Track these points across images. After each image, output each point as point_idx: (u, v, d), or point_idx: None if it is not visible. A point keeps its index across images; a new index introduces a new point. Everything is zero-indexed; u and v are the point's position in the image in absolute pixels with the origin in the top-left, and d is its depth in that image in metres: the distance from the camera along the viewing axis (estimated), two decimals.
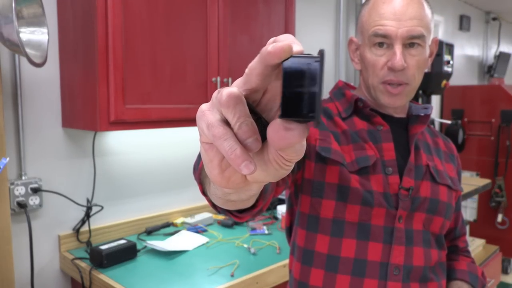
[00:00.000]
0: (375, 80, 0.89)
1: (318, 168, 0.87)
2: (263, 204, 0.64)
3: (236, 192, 0.42)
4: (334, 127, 0.91)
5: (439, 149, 0.97)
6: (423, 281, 0.86)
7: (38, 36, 1.26)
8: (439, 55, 2.48)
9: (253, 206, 0.61)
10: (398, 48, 0.83)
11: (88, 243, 1.69)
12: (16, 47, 1.13)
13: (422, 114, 0.92)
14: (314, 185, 0.87)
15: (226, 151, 0.31)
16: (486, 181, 2.54)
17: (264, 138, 0.34)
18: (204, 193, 0.59)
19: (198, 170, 0.59)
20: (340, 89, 0.98)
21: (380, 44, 0.86)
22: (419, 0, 0.85)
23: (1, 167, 1.21)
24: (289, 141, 0.31)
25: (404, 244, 0.85)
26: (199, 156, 0.60)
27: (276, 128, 0.31)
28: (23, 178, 1.55)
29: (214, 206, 0.60)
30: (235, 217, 0.64)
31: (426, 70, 0.94)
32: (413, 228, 0.86)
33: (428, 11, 0.87)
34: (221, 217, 2.07)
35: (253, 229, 1.89)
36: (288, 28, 1.98)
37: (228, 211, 0.62)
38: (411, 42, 0.84)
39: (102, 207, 1.72)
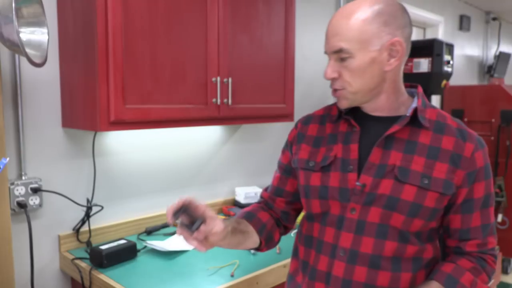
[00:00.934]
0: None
1: (298, 175, 1.11)
2: (264, 244, 1.14)
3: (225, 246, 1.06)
4: (322, 132, 1.10)
5: (437, 148, 0.98)
6: (373, 267, 0.97)
7: (38, 36, 1.26)
8: (439, 55, 2.48)
9: (261, 244, 1.15)
10: (330, 63, 0.99)
11: (88, 243, 1.69)
12: (16, 47, 1.13)
13: (406, 115, 0.99)
14: (300, 188, 1.10)
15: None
16: None
17: None
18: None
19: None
20: None
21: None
22: (348, 17, 0.95)
23: (1, 167, 1.21)
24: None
25: (354, 232, 0.98)
26: None
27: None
28: (23, 178, 1.55)
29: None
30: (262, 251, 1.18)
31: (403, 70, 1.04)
32: (367, 220, 0.98)
33: (358, 23, 0.94)
34: (221, 217, 2.06)
35: None
36: (288, 28, 1.98)
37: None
38: (338, 56, 0.97)
39: (102, 207, 1.72)
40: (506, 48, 5.22)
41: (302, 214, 1.19)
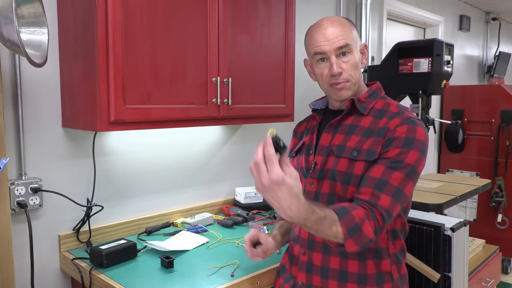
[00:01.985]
0: (325, 86, 1.24)
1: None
2: None
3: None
4: (305, 127, 1.39)
5: (372, 129, 1.16)
6: None
7: (38, 36, 1.26)
8: (439, 55, 2.48)
9: None
10: (333, 60, 1.18)
11: (88, 243, 1.69)
12: (16, 47, 1.13)
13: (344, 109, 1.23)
14: None
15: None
16: (486, 181, 2.54)
17: None
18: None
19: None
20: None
21: (321, 59, 1.21)
22: (339, 23, 1.19)
23: (1, 167, 1.21)
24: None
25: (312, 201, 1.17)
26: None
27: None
28: (23, 178, 1.55)
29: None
30: None
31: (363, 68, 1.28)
32: (321, 191, 1.21)
33: (349, 27, 1.20)
34: (221, 217, 2.07)
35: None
36: (288, 28, 1.98)
37: None
38: (341, 52, 1.18)
39: (102, 207, 1.72)
40: (506, 48, 5.22)
41: None
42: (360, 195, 1.10)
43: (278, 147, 0.95)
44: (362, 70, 1.28)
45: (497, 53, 4.81)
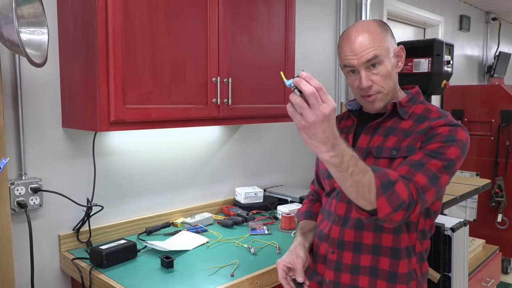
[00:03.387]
0: (356, 96, 1.25)
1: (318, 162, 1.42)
2: None
3: None
4: (338, 127, 1.26)
5: (412, 131, 1.17)
6: (359, 229, 1.18)
7: (38, 36, 1.26)
8: (439, 55, 2.48)
9: None
10: (362, 74, 1.16)
11: (88, 243, 1.69)
12: (16, 47, 1.13)
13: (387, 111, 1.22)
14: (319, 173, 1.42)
15: None
16: (486, 181, 2.55)
17: None
18: None
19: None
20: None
21: (351, 71, 1.19)
22: (368, 32, 1.15)
23: (1, 167, 1.21)
24: None
25: (346, 202, 1.21)
26: None
27: None
28: (23, 178, 1.55)
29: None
30: None
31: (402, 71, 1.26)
32: None
33: (379, 34, 1.16)
34: (221, 217, 2.07)
35: (253, 229, 1.89)
36: (288, 28, 1.98)
37: None
38: (371, 64, 1.15)
39: (102, 207, 1.72)
40: (506, 48, 5.22)
41: None
42: (398, 170, 1.07)
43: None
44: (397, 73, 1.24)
45: (497, 53, 4.81)
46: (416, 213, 1.06)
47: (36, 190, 1.56)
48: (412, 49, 2.43)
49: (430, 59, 2.48)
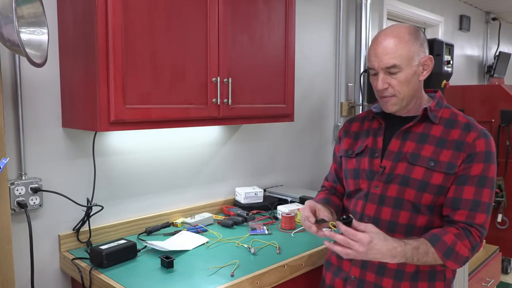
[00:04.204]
0: (377, 96, 1.29)
1: (342, 161, 1.44)
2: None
3: None
4: (361, 128, 1.42)
5: (445, 139, 1.21)
6: (390, 231, 1.20)
7: (38, 36, 1.26)
8: (439, 55, 2.48)
9: None
10: (380, 76, 1.23)
11: (88, 243, 1.69)
12: (16, 47, 1.13)
13: (419, 114, 1.27)
14: (342, 172, 1.44)
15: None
16: None
17: None
18: None
19: None
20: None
21: (374, 74, 1.26)
22: (395, 38, 1.20)
23: (1, 167, 1.21)
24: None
25: (376, 203, 1.27)
26: None
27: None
28: (23, 178, 1.55)
29: None
30: None
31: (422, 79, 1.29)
32: (387, 194, 1.25)
33: (406, 42, 1.20)
34: (221, 217, 2.07)
35: (253, 229, 1.89)
36: (288, 28, 1.98)
37: None
38: (389, 70, 1.21)
39: (102, 207, 1.72)
40: (506, 48, 5.21)
41: None
42: (456, 216, 1.19)
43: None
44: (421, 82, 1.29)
45: (497, 53, 4.81)
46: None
47: (36, 190, 1.56)
48: None
49: None
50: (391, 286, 1.24)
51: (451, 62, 2.54)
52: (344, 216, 1.11)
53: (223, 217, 2.06)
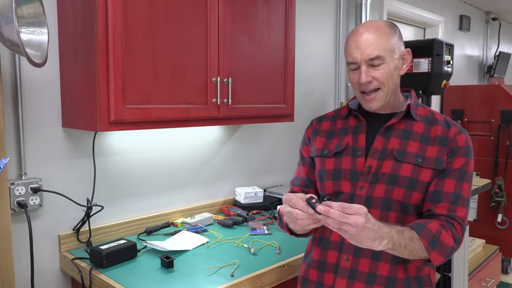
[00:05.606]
0: (356, 92, 1.23)
1: (315, 162, 1.32)
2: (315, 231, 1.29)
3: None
4: (333, 127, 1.33)
5: (427, 136, 1.19)
6: None
7: (38, 36, 1.26)
8: (439, 55, 2.48)
9: (311, 232, 1.27)
10: (362, 69, 1.17)
11: (88, 243, 1.69)
12: (16, 47, 1.13)
13: (402, 110, 1.23)
14: (316, 173, 1.32)
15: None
16: (486, 181, 2.55)
17: None
18: (291, 233, 1.26)
19: (285, 226, 1.23)
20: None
21: (354, 69, 1.20)
22: (376, 30, 1.16)
23: (1, 167, 1.21)
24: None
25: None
26: (280, 218, 1.28)
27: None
28: (23, 178, 1.55)
29: (294, 235, 1.26)
30: (304, 237, 1.28)
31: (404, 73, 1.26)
32: (373, 195, 1.18)
33: (387, 34, 1.17)
34: (221, 217, 2.07)
35: (253, 229, 1.89)
36: (288, 27, 1.98)
37: (302, 235, 1.26)
38: (372, 62, 1.16)
39: (102, 207, 1.72)
40: (506, 48, 5.21)
41: None
42: (437, 209, 1.16)
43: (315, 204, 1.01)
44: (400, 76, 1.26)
45: (497, 53, 4.81)
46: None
47: (36, 190, 1.56)
48: (412, 49, 2.42)
49: (430, 59, 2.48)
50: None
51: (451, 62, 2.54)
52: (328, 197, 1.04)
53: (223, 217, 2.06)
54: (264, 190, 2.38)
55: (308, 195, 1.02)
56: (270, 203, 2.20)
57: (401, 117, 1.21)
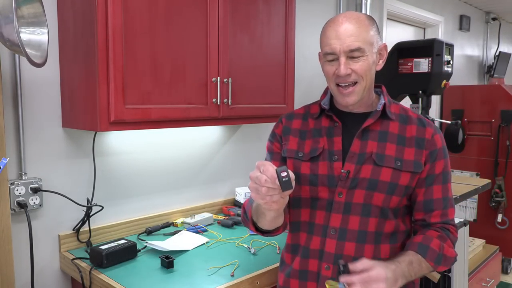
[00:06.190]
0: (331, 85, 1.16)
1: (287, 163, 1.22)
2: (284, 227, 1.21)
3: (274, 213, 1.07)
4: (306, 126, 1.24)
5: (403, 136, 1.16)
6: (360, 242, 1.13)
7: (38, 36, 1.26)
8: (439, 55, 2.48)
9: (277, 230, 1.20)
10: (342, 60, 1.09)
11: (88, 243, 1.69)
12: (16, 47, 1.13)
13: (377, 110, 1.17)
14: None
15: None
16: (486, 181, 2.55)
17: None
18: (256, 229, 1.21)
19: (250, 219, 1.19)
20: (326, 94, 1.26)
21: (331, 61, 1.12)
22: (356, 21, 1.10)
23: (1, 167, 1.21)
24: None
25: (342, 213, 1.14)
26: (245, 212, 1.22)
27: None
28: (23, 178, 1.55)
29: (259, 232, 1.22)
30: (270, 235, 1.22)
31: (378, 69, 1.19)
32: (352, 202, 1.13)
33: (367, 26, 1.11)
34: (221, 217, 2.07)
35: None
36: (288, 27, 1.98)
37: (266, 233, 1.21)
38: (353, 55, 1.09)
39: (102, 207, 1.72)
40: (506, 48, 5.21)
41: None
42: (432, 219, 1.17)
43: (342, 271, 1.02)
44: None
45: (497, 53, 4.81)
46: None
47: (36, 190, 1.56)
48: (412, 49, 2.43)
49: (430, 59, 2.48)
50: None
51: (451, 62, 2.54)
52: (340, 266, 1.01)
53: (223, 217, 2.06)
54: None
55: (282, 167, 0.95)
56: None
57: (377, 118, 1.16)
